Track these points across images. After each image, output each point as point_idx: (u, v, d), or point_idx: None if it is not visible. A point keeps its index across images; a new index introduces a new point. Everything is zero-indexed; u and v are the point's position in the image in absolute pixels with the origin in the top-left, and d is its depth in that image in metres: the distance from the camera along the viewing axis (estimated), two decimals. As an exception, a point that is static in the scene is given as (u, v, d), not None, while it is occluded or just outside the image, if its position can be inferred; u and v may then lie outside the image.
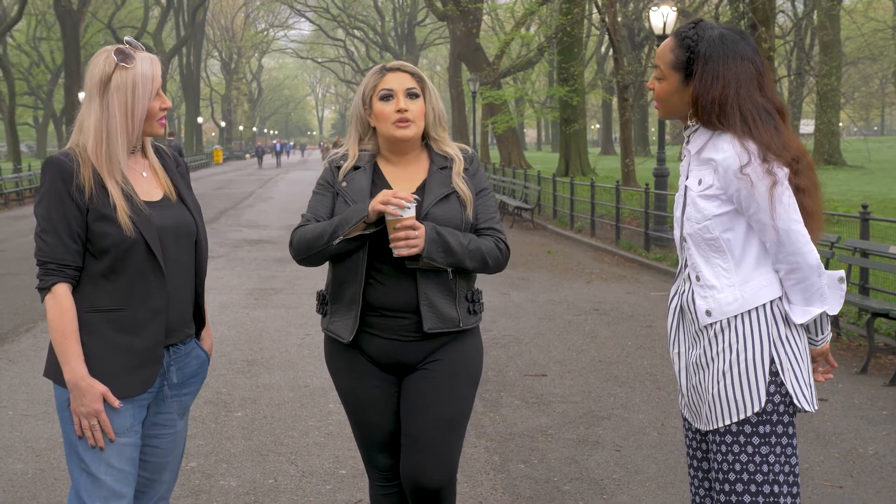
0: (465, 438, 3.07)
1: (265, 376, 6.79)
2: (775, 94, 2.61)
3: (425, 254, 2.74)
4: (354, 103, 2.99)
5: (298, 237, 2.88)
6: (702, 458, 2.74)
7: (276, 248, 14.93)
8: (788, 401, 2.54)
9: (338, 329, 2.91)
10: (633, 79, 23.13)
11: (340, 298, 2.90)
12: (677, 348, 2.71)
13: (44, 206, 2.52)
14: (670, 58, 2.60)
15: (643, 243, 14.50)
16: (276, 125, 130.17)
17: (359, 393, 2.95)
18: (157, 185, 2.68)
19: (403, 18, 73.47)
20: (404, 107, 2.86)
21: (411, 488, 2.90)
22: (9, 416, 5.72)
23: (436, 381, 2.87)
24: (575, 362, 7.24)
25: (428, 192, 2.87)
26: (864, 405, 6.09)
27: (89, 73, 2.58)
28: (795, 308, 2.54)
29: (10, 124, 39.34)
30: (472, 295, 2.92)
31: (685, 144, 2.67)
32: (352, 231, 2.77)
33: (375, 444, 3.00)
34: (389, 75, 2.92)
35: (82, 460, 2.54)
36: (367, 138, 2.98)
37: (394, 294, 2.83)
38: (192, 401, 2.79)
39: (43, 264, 2.52)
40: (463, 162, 2.94)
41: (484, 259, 2.84)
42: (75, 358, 2.49)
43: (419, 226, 2.73)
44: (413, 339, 2.86)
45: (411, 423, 2.90)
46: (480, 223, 2.92)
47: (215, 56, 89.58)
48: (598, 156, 49.58)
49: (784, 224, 2.46)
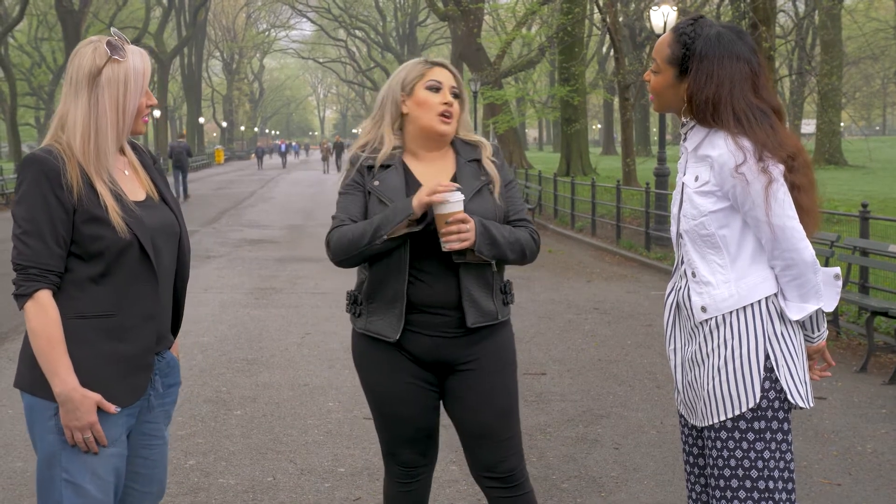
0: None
1: (265, 375, 6.79)
2: (771, 95, 2.60)
3: (476, 247, 2.72)
4: (389, 89, 2.92)
5: (337, 238, 2.82)
6: (698, 454, 2.75)
7: (276, 248, 14.95)
8: (783, 397, 2.55)
9: (380, 328, 2.86)
10: (635, 78, 23.13)
11: (381, 297, 2.85)
12: (673, 344, 2.72)
13: (25, 206, 2.35)
14: (667, 52, 2.61)
15: (644, 243, 14.51)
16: (277, 125, 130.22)
17: (395, 389, 2.92)
18: (139, 183, 2.56)
19: (405, 18, 73.49)
20: (451, 101, 2.86)
21: (491, 479, 2.93)
22: (9, 415, 5.73)
23: (483, 377, 2.89)
24: (575, 361, 7.24)
25: (462, 184, 2.84)
26: (863, 403, 6.09)
27: (75, 66, 2.42)
28: (791, 304, 2.54)
29: (11, 124, 39.38)
30: (505, 286, 2.94)
31: (682, 142, 2.68)
32: (396, 230, 2.72)
33: (403, 438, 2.99)
34: (438, 69, 2.90)
35: (66, 470, 2.40)
36: (397, 127, 2.94)
37: (436, 290, 2.81)
38: (173, 410, 2.70)
39: (23, 269, 2.35)
40: (490, 147, 2.95)
41: (522, 250, 2.86)
42: (65, 368, 2.34)
43: (469, 219, 2.71)
44: (454, 335, 2.85)
45: (473, 422, 2.92)
46: (511, 215, 2.92)
47: (217, 56, 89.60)
48: (600, 155, 49.58)
49: (779, 220, 2.47)
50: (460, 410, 2.94)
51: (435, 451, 3.09)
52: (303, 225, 19.13)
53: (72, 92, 2.43)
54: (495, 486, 2.95)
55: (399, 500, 3.07)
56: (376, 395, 2.98)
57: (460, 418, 2.95)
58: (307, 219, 20.38)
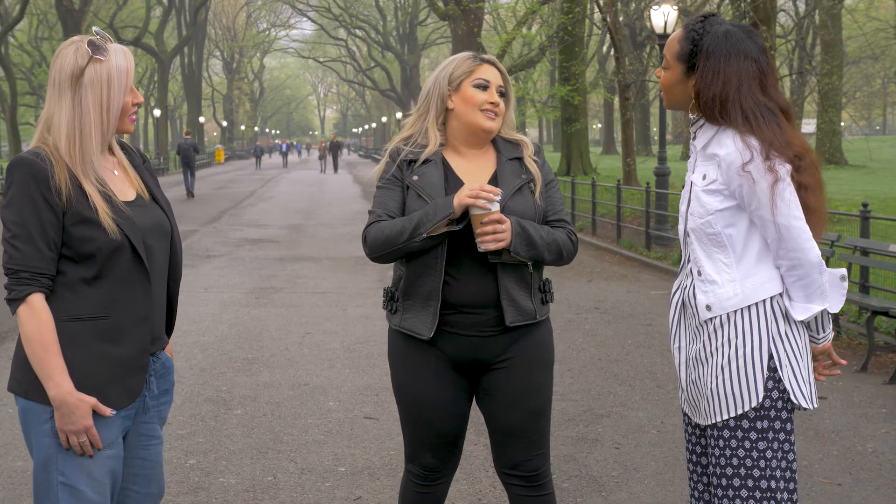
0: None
1: (265, 374, 6.79)
2: (779, 94, 2.60)
3: (512, 248, 2.70)
4: (436, 82, 2.89)
5: (374, 234, 2.79)
6: (701, 452, 2.74)
7: (277, 248, 14.94)
8: (787, 397, 2.55)
9: (414, 326, 2.84)
10: (635, 78, 23.14)
11: (416, 294, 2.83)
12: (678, 343, 2.72)
13: (14, 210, 2.33)
14: (676, 48, 2.62)
15: (644, 242, 14.51)
16: (277, 125, 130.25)
17: (423, 390, 2.90)
18: (129, 183, 2.54)
19: (405, 18, 73.42)
20: (497, 100, 2.84)
21: (516, 476, 2.93)
22: (9, 414, 5.73)
23: (518, 376, 2.87)
24: (575, 360, 7.24)
25: (502, 184, 2.83)
26: (863, 403, 6.09)
27: (58, 67, 2.40)
28: (796, 305, 2.54)
29: (11, 124, 39.40)
30: (544, 285, 2.92)
31: (692, 140, 2.69)
32: (436, 228, 2.71)
33: (428, 443, 2.96)
34: (486, 66, 2.88)
35: (63, 473, 2.39)
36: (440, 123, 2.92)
37: (473, 290, 2.79)
38: (168, 410, 2.69)
39: (14, 273, 2.33)
40: (532, 146, 2.92)
41: (560, 251, 2.83)
42: (60, 372, 2.33)
43: (505, 219, 2.69)
44: (492, 333, 2.83)
45: (503, 419, 2.91)
46: (550, 215, 2.90)
47: (217, 56, 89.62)
48: (600, 155, 49.58)
49: (785, 220, 2.46)
50: (492, 407, 2.92)
51: (458, 457, 3.06)
52: (303, 224, 19.12)
53: (55, 93, 2.41)
54: (519, 483, 2.94)
55: (415, 501, 3.05)
56: (405, 396, 2.95)
57: (492, 415, 2.94)
58: (307, 218, 20.38)
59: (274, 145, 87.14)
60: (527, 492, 2.93)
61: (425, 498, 3.03)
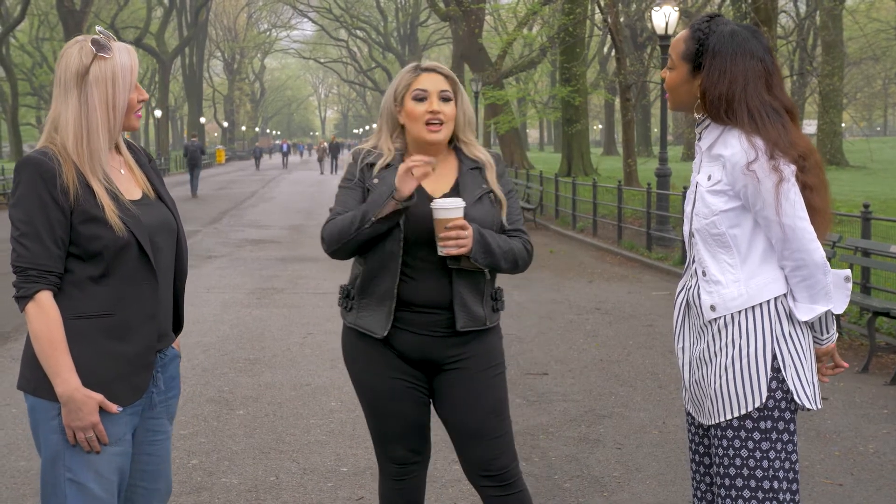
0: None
1: (267, 375, 6.80)
2: (784, 94, 2.61)
3: (472, 254, 2.75)
4: (385, 99, 2.97)
5: (329, 229, 2.86)
6: (704, 452, 2.75)
7: (278, 248, 14.95)
8: (790, 397, 2.55)
9: (369, 324, 2.89)
10: (636, 79, 23.14)
11: (372, 293, 2.89)
12: (682, 343, 2.72)
13: (22, 208, 2.35)
14: (682, 48, 2.63)
15: (645, 243, 14.51)
16: (278, 125, 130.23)
17: (383, 384, 2.95)
18: (135, 182, 2.56)
19: (406, 19, 73.47)
20: (437, 109, 2.86)
21: (483, 476, 2.94)
22: (12, 414, 5.74)
23: (469, 377, 2.91)
24: (576, 361, 7.25)
25: (463, 192, 2.88)
26: (864, 404, 6.09)
27: (63, 66, 2.43)
28: (800, 305, 2.54)
29: (12, 124, 39.46)
30: (495, 293, 2.98)
31: (697, 141, 2.69)
32: (383, 209, 2.74)
33: (393, 434, 3.00)
34: (424, 75, 2.90)
35: (70, 469, 2.41)
36: (396, 135, 2.97)
37: (428, 290, 2.85)
38: (176, 405, 2.72)
39: (23, 271, 2.35)
40: (495, 167, 2.96)
41: (515, 260, 2.89)
42: (67, 369, 2.35)
43: (469, 226, 2.74)
44: (443, 335, 2.88)
45: (461, 421, 2.93)
46: (508, 224, 2.95)
47: (218, 56, 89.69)
48: (601, 156, 49.57)
49: (790, 220, 2.47)
50: (449, 410, 2.96)
51: (427, 448, 3.10)
52: (304, 225, 19.12)
53: (61, 93, 2.43)
54: (489, 484, 2.96)
55: (393, 498, 3.08)
56: (365, 390, 3.00)
57: (449, 418, 2.97)
58: (308, 218, 20.38)
59: (274, 146, 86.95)
60: (498, 492, 2.95)
61: (401, 495, 3.07)
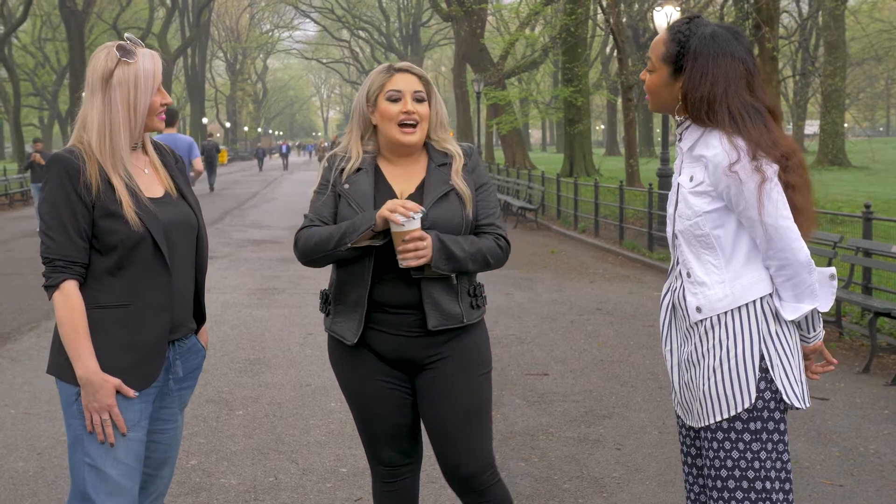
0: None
1: (267, 375, 6.80)
2: (765, 94, 2.60)
3: (433, 264, 2.74)
4: (357, 100, 2.97)
5: (304, 239, 2.86)
6: (695, 455, 2.75)
7: (279, 249, 14.96)
8: (779, 397, 2.55)
9: (342, 331, 2.91)
10: (638, 79, 23.11)
11: (345, 300, 2.89)
12: (670, 345, 2.73)
13: (50, 203, 2.54)
14: (662, 50, 2.61)
15: (647, 243, 14.51)
16: (280, 126, 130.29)
17: (364, 387, 2.94)
18: (159, 181, 2.72)
19: (408, 19, 73.48)
20: (412, 109, 2.85)
21: (452, 480, 2.93)
22: (11, 415, 5.75)
23: (447, 376, 2.89)
24: (577, 361, 7.24)
25: (427, 190, 2.86)
26: (865, 404, 6.08)
27: (91, 69, 2.61)
28: (786, 304, 2.54)
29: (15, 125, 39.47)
30: (473, 290, 2.93)
31: (678, 142, 2.68)
32: (360, 240, 2.75)
33: (381, 436, 3.00)
34: (398, 76, 2.90)
35: (88, 454, 2.54)
36: (368, 136, 2.96)
37: (399, 292, 2.84)
38: (190, 395, 2.82)
39: (50, 262, 2.53)
40: (462, 158, 2.92)
41: (485, 259, 2.85)
42: (87, 354, 2.50)
43: (426, 236, 2.72)
44: (417, 335, 2.87)
45: (435, 420, 2.91)
46: (480, 219, 2.91)
47: (220, 57, 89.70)
48: (603, 156, 49.55)
49: (773, 220, 2.46)
50: (426, 409, 2.94)
51: (418, 451, 3.08)
52: (306, 225, 19.11)
53: (89, 94, 2.61)
54: (457, 490, 2.94)
55: (386, 500, 3.07)
56: (350, 393, 3.01)
57: (427, 418, 2.95)
58: (310, 219, 20.34)
59: (276, 146, 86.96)
60: (466, 498, 2.93)
61: (393, 497, 3.05)
